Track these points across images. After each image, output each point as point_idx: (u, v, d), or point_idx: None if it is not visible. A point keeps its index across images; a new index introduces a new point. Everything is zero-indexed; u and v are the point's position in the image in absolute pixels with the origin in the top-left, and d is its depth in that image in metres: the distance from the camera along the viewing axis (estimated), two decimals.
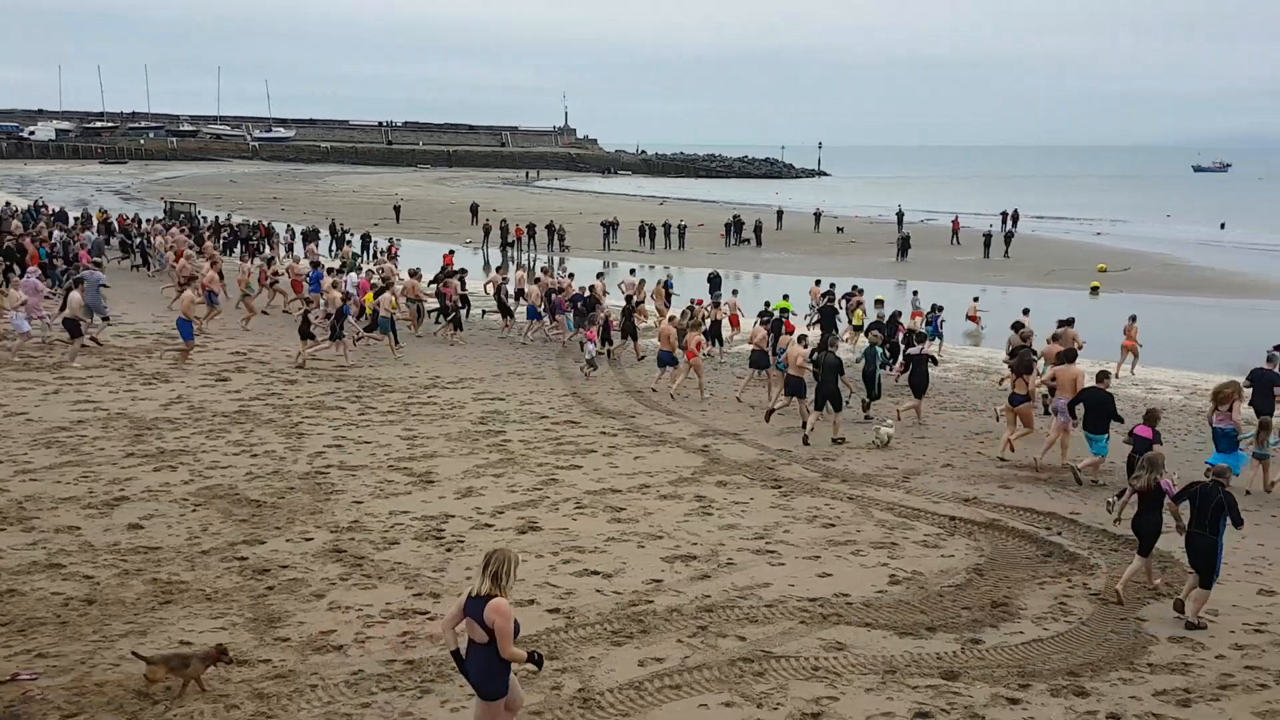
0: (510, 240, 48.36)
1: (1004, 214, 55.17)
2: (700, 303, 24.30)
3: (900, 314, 22.47)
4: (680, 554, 10.90)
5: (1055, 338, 18.11)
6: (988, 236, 47.24)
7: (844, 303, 24.78)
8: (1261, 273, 42.26)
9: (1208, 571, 9.41)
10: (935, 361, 18.56)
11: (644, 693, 7.94)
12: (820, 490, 13.45)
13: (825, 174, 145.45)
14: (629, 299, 23.72)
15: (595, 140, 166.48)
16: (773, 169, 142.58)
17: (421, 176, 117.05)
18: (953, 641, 8.89)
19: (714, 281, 30.81)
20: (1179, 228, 63.08)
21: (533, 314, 24.77)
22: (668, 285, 26.13)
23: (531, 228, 49.89)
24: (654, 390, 19.33)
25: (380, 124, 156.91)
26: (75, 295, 20.75)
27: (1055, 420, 15.08)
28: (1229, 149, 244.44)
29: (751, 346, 19.44)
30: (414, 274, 26.65)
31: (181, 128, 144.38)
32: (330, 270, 28.14)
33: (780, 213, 62.20)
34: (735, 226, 53.36)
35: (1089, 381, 14.58)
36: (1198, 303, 33.04)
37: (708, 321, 22.05)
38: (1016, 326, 19.36)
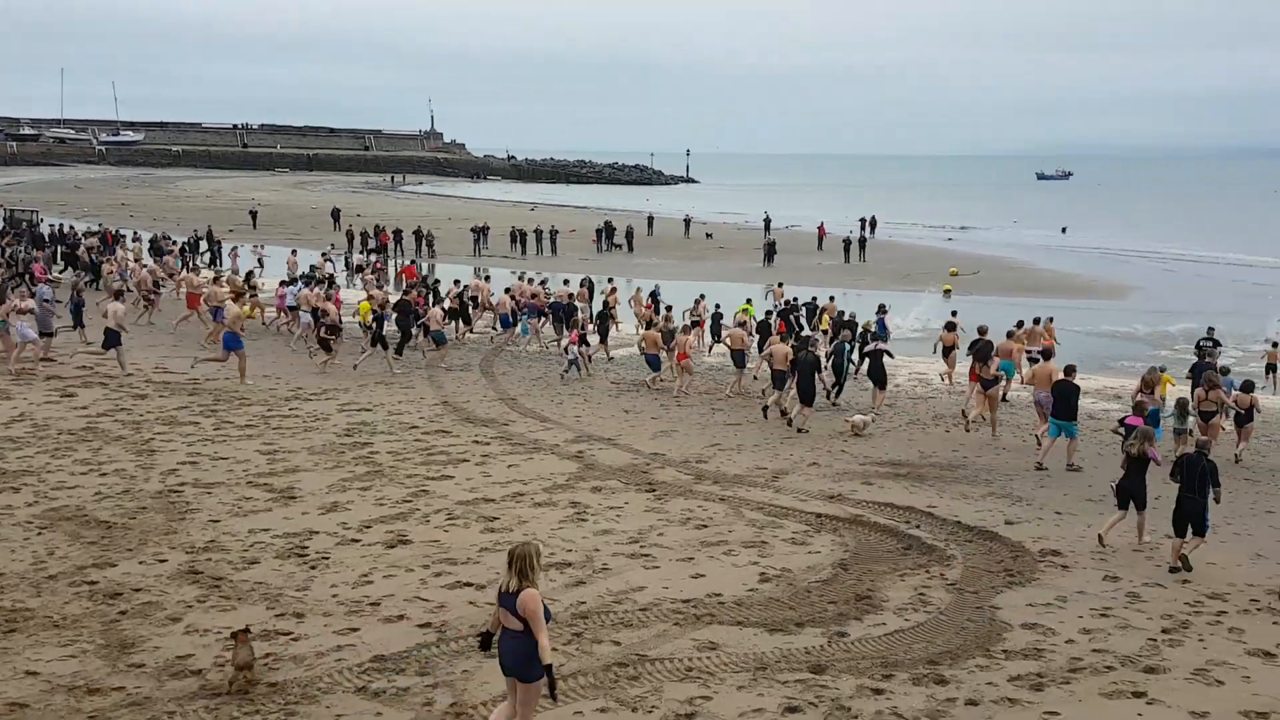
0: (375, 246, 47.30)
1: (862, 220, 57.17)
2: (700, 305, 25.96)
3: (855, 315, 24.04)
4: (555, 561, 10.85)
5: (1010, 335, 20.33)
6: (847, 242, 49.01)
7: (804, 309, 26.43)
8: (1098, 275, 45.04)
9: (1200, 526, 11.11)
10: (890, 355, 20.14)
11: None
12: (693, 492, 13.61)
13: (694, 181, 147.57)
14: (605, 304, 25.46)
15: (463, 145, 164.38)
16: (642, 175, 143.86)
17: (280, 181, 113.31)
18: (820, 635, 9.12)
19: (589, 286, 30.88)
20: (1024, 233, 66.63)
21: (505, 322, 25.72)
22: (654, 295, 26.91)
23: (398, 233, 48.94)
24: (648, 385, 20.76)
25: (236, 127, 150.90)
26: (116, 305, 20.70)
27: (1037, 410, 17.00)
28: (1070, 158, 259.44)
29: (732, 347, 21.14)
30: (306, 281, 26.90)
31: (22, 131, 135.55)
32: (315, 281, 27.65)
33: (651, 219, 62.87)
34: (607, 232, 53.60)
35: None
36: (1042, 303, 34.77)
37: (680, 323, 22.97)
38: (950, 327, 21.97)
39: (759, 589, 10.24)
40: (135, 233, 42.55)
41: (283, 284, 26.98)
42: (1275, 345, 23.22)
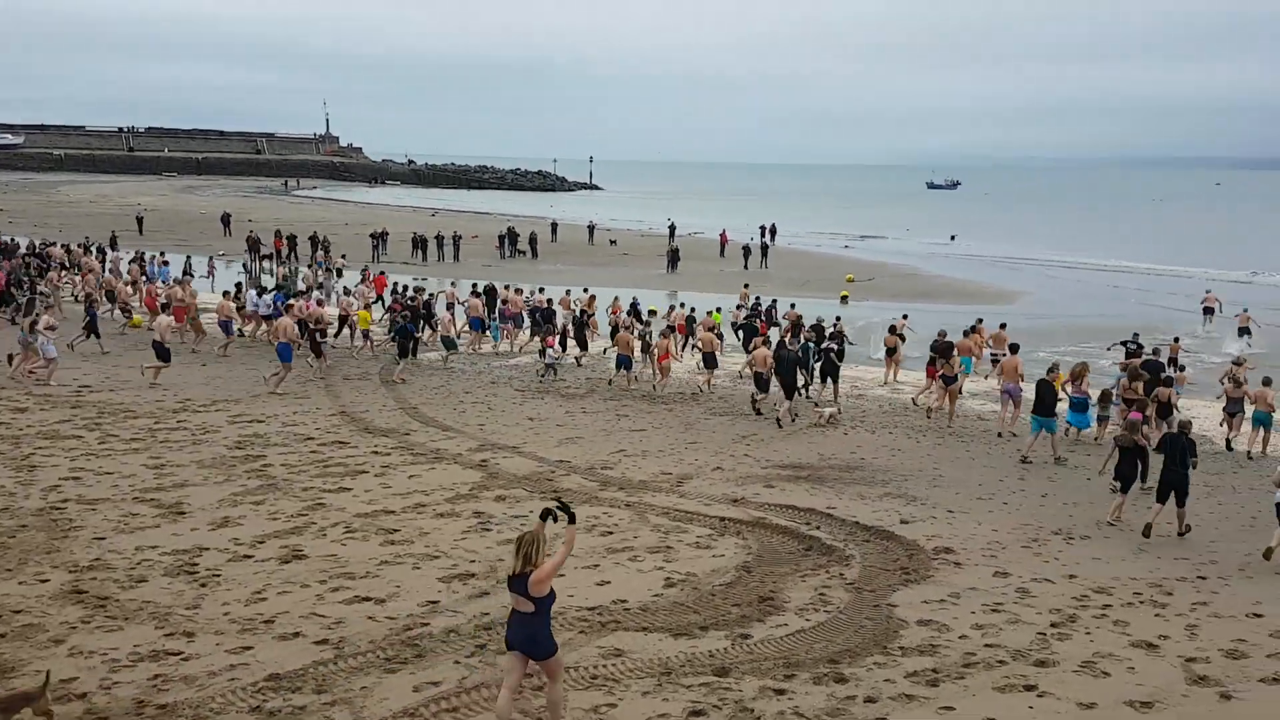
0: (268, 252, 45.99)
1: (762, 228, 58.01)
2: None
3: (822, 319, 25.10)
4: (458, 573, 10.70)
5: (966, 334, 23.57)
6: (746, 249, 49.82)
7: (768, 314, 27.63)
8: (986, 280, 46.60)
9: (1183, 495, 12.74)
10: (841, 354, 21.82)
11: (419, 719, 7.73)
12: (599, 499, 13.59)
13: (598, 188, 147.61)
14: (581, 312, 26.25)
15: (360, 149, 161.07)
16: (546, 182, 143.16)
17: (168, 185, 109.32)
18: (724, 638, 9.20)
19: (489, 294, 30.61)
20: (916, 240, 68.60)
21: (476, 325, 26.32)
22: (635, 305, 27.86)
23: (292, 239, 47.70)
24: (609, 384, 21.74)
25: (121, 130, 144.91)
26: (164, 319, 21.31)
27: (1003, 400, 18.89)
28: (959, 167, 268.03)
29: (703, 350, 22.38)
30: (226, 294, 26.78)
31: None
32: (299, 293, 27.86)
33: (555, 225, 62.64)
34: (510, 238, 53.21)
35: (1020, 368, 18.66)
36: (933, 308, 35.90)
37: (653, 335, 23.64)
38: (892, 329, 23.98)
39: (664, 594, 10.28)
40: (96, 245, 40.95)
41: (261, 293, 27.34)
42: (1245, 310, 29.63)
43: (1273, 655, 9.12)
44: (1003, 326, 24.37)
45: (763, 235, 56.23)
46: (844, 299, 37.21)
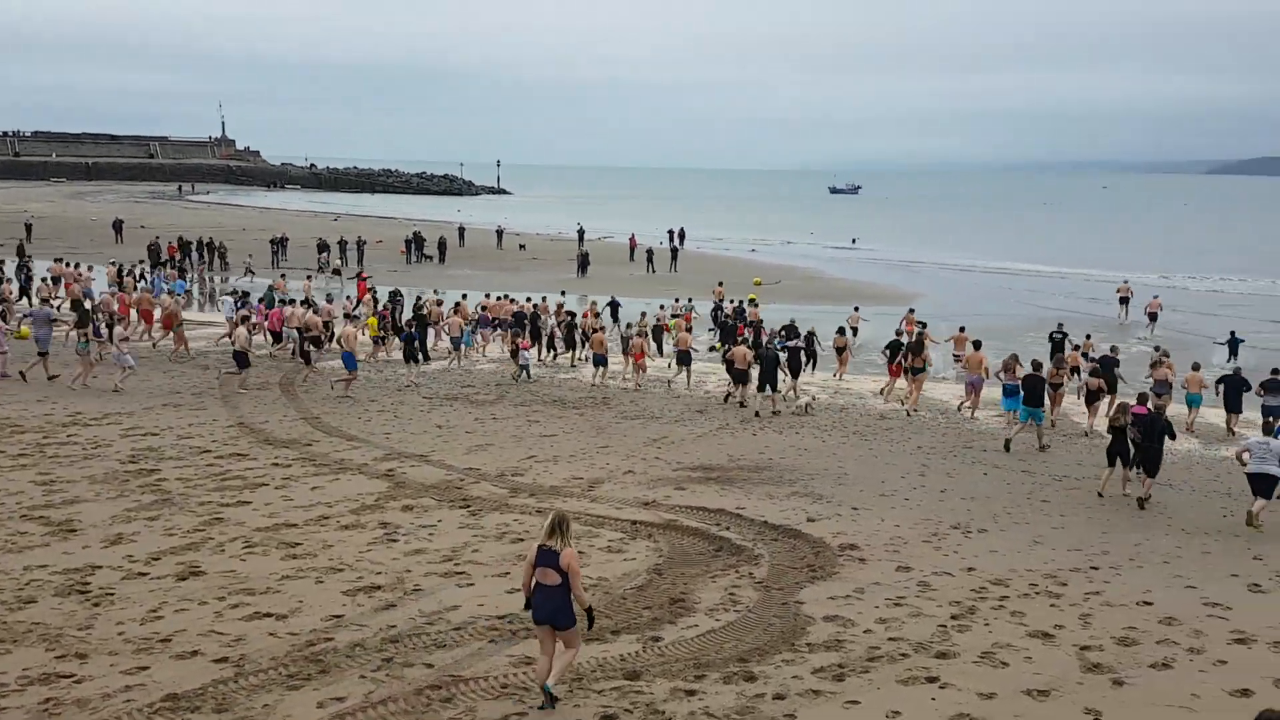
0: (164, 259, 44.41)
1: (671, 232, 58.41)
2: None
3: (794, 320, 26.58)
4: (363, 585, 10.48)
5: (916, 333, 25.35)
6: (650, 252, 50.43)
7: (739, 314, 29.14)
8: (886, 282, 47.81)
9: (1155, 469, 14.70)
10: (809, 354, 23.73)
11: None
12: (509, 506, 13.48)
13: (506, 192, 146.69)
14: (570, 315, 27.21)
15: (258, 152, 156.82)
16: (452, 185, 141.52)
17: (56, 191, 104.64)
18: (635, 642, 9.21)
19: (397, 298, 30.20)
20: (820, 244, 69.99)
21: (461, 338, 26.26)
22: (614, 304, 30.86)
23: (186, 245, 46.19)
24: (594, 384, 22.76)
25: (6, 134, 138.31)
26: (241, 330, 21.94)
27: (968, 388, 20.85)
28: (859, 172, 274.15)
29: (679, 348, 23.67)
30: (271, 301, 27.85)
31: None
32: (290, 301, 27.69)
33: (462, 229, 61.99)
34: (416, 243, 52.48)
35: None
36: (840, 310, 36.63)
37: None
38: (841, 330, 25.61)
39: None
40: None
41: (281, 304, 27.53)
42: (1157, 296, 35.31)
43: (1162, 641, 9.52)
44: (962, 330, 26.28)
45: (671, 239, 56.63)
46: (753, 302, 37.65)
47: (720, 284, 36.62)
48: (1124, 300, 37.17)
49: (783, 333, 23.90)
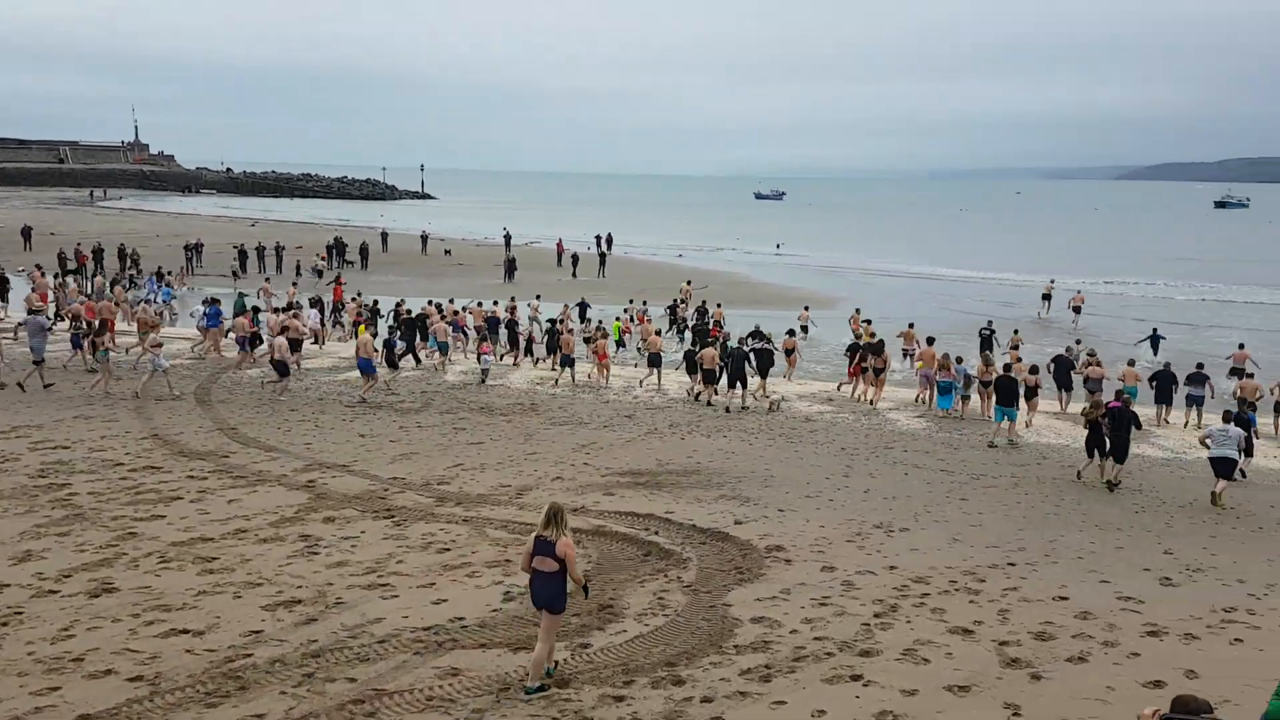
0: (73, 267, 42.92)
1: (598, 237, 58.43)
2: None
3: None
4: (283, 600, 10.24)
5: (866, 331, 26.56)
6: (575, 257, 50.71)
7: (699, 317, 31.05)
8: (810, 287, 48.39)
9: (1123, 456, 16.10)
10: (776, 351, 24.48)
11: None
12: (435, 515, 13.30)
13: (430, 196, 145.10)
14: (552, 321, 27.73)
15: (172, 157, 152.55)
16: (375, 190, 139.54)
17: None
18: (564, 649, 9.14)
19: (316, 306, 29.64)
20: (746, 249, 70.69)
21: (443, 348, 26.24)
22: (583, 304, 32.65)
23: (98, 252, 44.73)
24: (554, 385, 23.61)
25: None
26: (281, 340, 21.92)
27: (921, 382, 22.32)
28: (785, 179, 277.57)
29: (649, 350, 24.40)
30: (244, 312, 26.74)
31: None
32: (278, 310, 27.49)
33: (385, 234, 61.13)
34: (338, 249, 51.62)
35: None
36: (765, 314, 36.94)
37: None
38: (791, 332, 26.47)
39: (503, 609, 10.14)
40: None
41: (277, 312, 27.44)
42: (1080, 292, 38.32)
43: (1078, 636, 9.79)
44: (911, 326, 28.01)
45: (599, 244, 56.63)
46: (718, 305, 37.93)
47: (688, 282, 38.75)
48: (1046, 297, 39.45)
49: (750, 338, 24.57)
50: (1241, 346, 25.43)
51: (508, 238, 59.98)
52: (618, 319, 30.10)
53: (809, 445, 18.39)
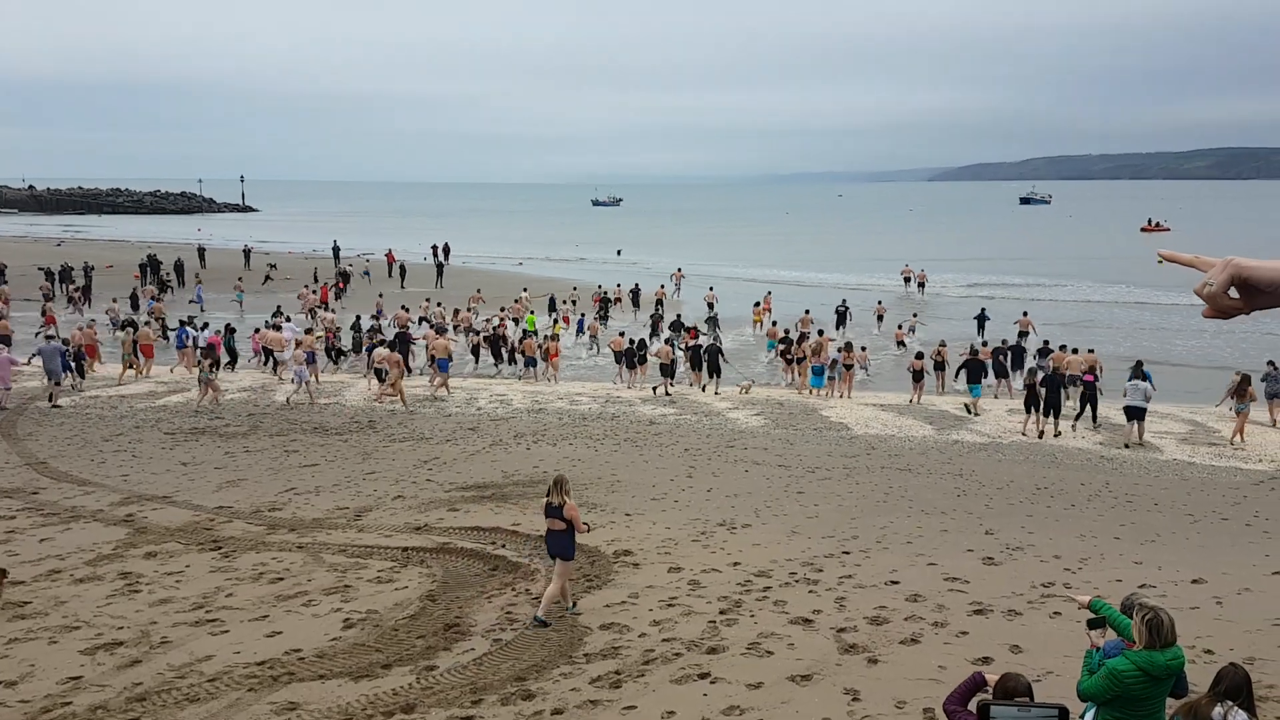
0: None
1: (435, 247, 57.38)
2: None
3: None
4: (103, 642, 9.57)
5: (821, 333, 28.88)
6: (403, 268, 50.13)
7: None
8: (650, 291, 48.88)
9: (1058, 412, 19.94)
10: (720, 350, 25.95)
11: None
12: (266, 544, 12.72)
13: (252, 209, 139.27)
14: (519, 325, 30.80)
15: None
16: (191, 204, 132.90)
17: None
18: (409, 673, 8.91)
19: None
20: (586, 255, 70.95)
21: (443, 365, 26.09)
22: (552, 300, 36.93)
23: None
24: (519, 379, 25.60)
25: None
26: (382, 350, 24.14)
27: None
28: (620, 185, 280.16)
29: (615, 349, 26.47)
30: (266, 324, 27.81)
31: None
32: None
33: (202, 250, 58.25)
34: (152, 266, 48.82)
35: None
36: (613, 321, 37.32)
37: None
38: (712, 322, 32.04)
39: (343, 636, 9.79)
40: None
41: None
42: (922, 270, 48.39)
43: (909, 618, 10.25)
44: (807, 312, 30.61)
45: (435, 254, 55.62)
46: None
47: (679, 269, 46.72)
48: (906, 280, 48.50)
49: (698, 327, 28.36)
50: (1025, 314, 31.11)
51: (336, 250, 58.29)
52: (553, 315, 33.85)
53: (654, 448, 18.60)
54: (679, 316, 32.38)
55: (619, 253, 72.42)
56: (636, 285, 44.02)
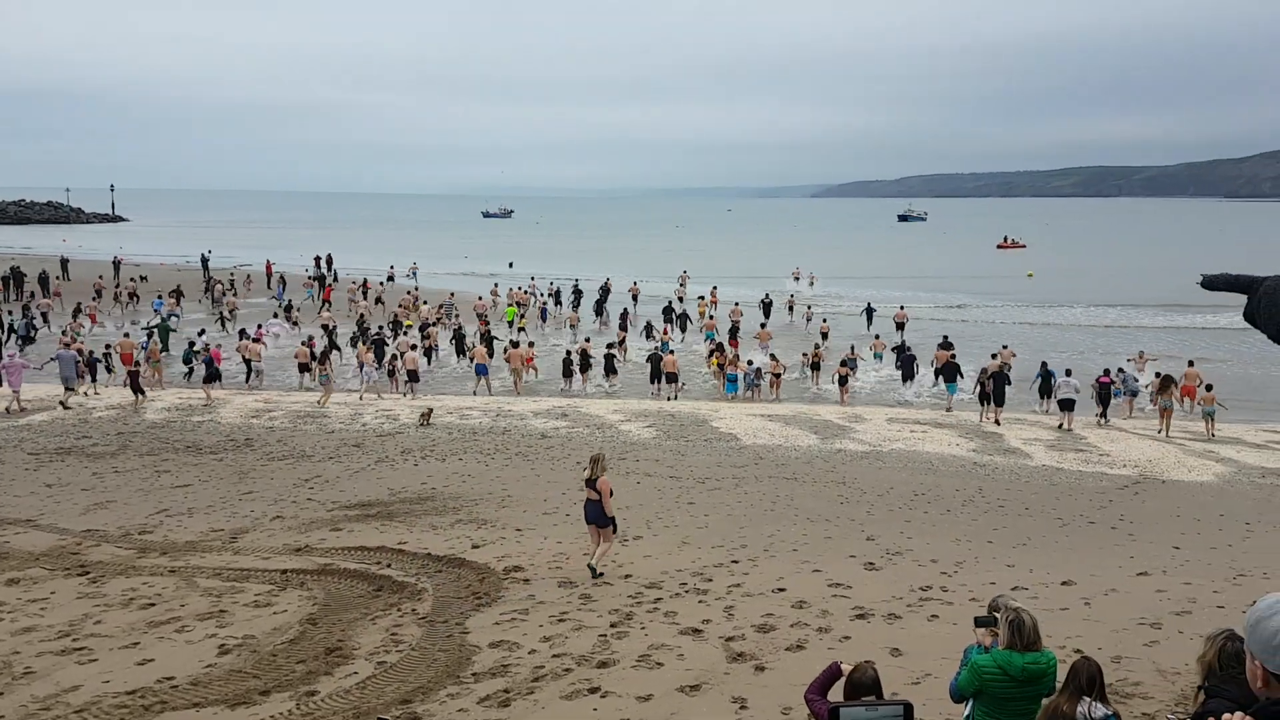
0: None
1: (318, 258, 55.95)
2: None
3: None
4: None
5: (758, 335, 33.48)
6: (283, 279, 49.06)
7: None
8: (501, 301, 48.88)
9: (1002, 402, 23.21)
10: (670, 353, 28.40)
11: None
12: (137, 569, 12.16)
13: (122, 219, 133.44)
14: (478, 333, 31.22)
15: None
16: (58, 213, 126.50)
17: None
18: (288, 700, 8.61)
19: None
20: (475, 267, 70.27)
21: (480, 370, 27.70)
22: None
23: None
24: (474, 393, 26.26)
25: None
26: (412, 354, 25.98)
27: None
28: (510, 197, 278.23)
29: (666, 370, 27.36)
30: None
31: None
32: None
33: (65, 261, 55.51)
34: (15, 279, 46.34)
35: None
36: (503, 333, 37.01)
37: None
38: (649, 327, 34.77)
39: (218, 663, 9.42)
40: None
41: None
42: (811, 272, 54.99)
43: (795, 625, 10.42)
44: (736, 305, 36.54)
45: (318, 266, 54.23)
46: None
47: (685, 271, 50.44)
48: (796, 279, 56.71)
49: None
50: (902, 308, 36.28)
51: (204, 259, 56.51)
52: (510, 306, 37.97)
53: (545, 462, 18.49)
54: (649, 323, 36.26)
55: (510, 265, 71.92)
56: (577, 286, 47.41)
